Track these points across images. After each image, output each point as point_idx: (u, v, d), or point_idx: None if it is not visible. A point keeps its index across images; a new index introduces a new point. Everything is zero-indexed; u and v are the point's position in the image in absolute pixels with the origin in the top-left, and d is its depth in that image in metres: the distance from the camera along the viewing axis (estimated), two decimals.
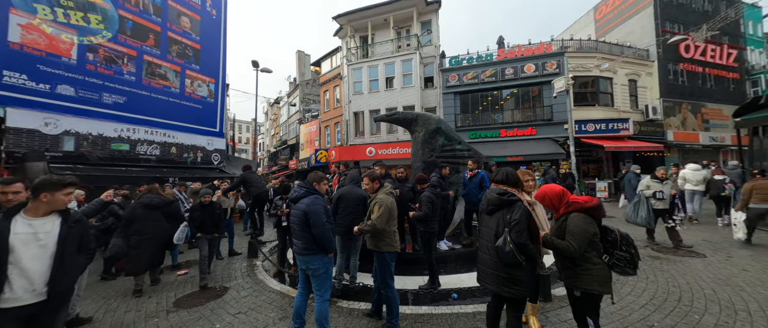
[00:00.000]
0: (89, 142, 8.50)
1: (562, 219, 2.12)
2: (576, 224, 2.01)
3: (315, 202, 2.66)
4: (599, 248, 2.02)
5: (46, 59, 7.73)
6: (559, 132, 13.71)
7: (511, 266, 1.98)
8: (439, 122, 6.79)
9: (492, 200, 2.17)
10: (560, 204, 2.14)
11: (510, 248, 1.91)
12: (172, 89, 10.80)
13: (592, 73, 14.45)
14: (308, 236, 2.61)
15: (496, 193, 2.18)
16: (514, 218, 1.99)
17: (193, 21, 11.72)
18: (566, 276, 2.12)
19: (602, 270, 2.00)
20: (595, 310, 2.06)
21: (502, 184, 2.26)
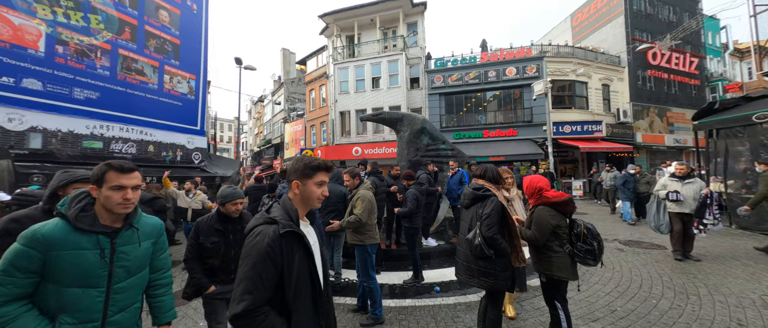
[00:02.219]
0: (58, 140, 8.04)
1: (532, 211, 2.32)
2: (539, 215, 2.25)
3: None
4: (562, 239, 2.23)
5: (10, 51, 7.24)
6: (538, 133, 14.30)
7: (482, 258, 2.11)
8: (424, 122, 6.96)
9: (467, 195, 2.31)
10: (532, 196, 2.36)
11: (478, 242, 2.05)
12: (150, 85, 10.37)
13: (569, 77, 15.17)
14: None
15: (472, 188, 2.31)
16: (485, 213, 2.12)
17: (173, 15, 11.31)
18: (535, 263, 2.32)
19: (562, 258, 2.20)
20: (562, 295, 2.25)
21: (481, 179, 2.40)
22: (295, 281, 1.05)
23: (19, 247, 1.09)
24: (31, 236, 1.10)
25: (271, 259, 1.01)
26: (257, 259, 1.00)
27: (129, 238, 1.29)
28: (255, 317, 0.96)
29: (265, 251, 1.00)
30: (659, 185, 4.85)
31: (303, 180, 1.20)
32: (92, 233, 1.19)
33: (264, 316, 0.98)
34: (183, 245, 5.49)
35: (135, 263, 1.31)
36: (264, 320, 0.98)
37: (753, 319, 2.83)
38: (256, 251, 1.01)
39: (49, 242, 1.10)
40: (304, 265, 1.09)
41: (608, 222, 7.93)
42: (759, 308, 3.02)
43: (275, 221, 1.08)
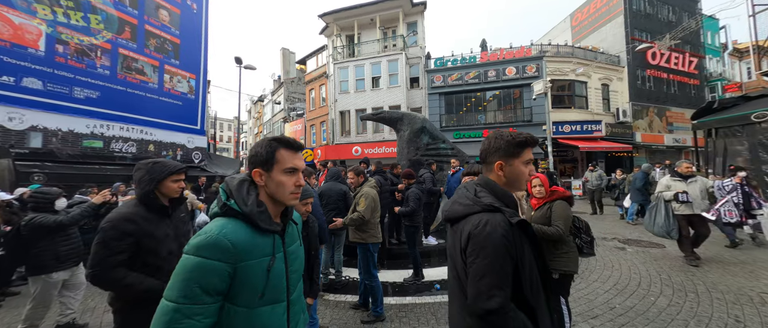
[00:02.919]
0: (59, 139, 8.05)
1: (545, 207, 2.33)
2: (563, 210, 2.28)
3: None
4: (574, 232, 2.29)
5: (10, 50, 7.25)
6: (538, 133, 14.29)
7: None
8: (424, 122, 6.99)
9: None
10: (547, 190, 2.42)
11: None
12: (150, 85, 10.39)
13: (568, 77, 15.20)
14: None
15: None
16: None
17: (173, 14, 11.32)
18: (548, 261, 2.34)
19: (574, 251, 2.27)
20: (567, 290, 2.29)
21: (475, 175, 2.44)
22: (529, 274, 0.94)
23: (201, 261, 0.82)
24: (215, 243, 0.83)
25: (508, 251, 0.91)
26: (496, 251, 0.90)
27: (292, 235, 1.08)
28: (506, 313, 0.87)
29: (501, 243, 0.90)
30: (661, 186, 4.58)
31: (508, 160, 1.04)
32: (269, 232, 0.95)
33: (514, 313, 0.89)
34: None
35: (300, 266, 1.11)
36: (515, 317, 0.89)
37: (751, 316, 2.86)
38: (491, 243, 0.90)
39: (238, 250, 0.85)
40: (533, 257, 0.97)
41: (607, 221, 7.96)
42: (757, 305, 3.04)
43: (497, 209, 0.96)
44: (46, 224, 2.71)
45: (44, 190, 2.89)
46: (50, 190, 2.91)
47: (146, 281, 1.48)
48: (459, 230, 1.02)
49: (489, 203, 0.98)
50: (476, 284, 0.90)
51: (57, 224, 2.74)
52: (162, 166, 1.63)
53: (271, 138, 1.00)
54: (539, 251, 1.00)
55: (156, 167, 1.62)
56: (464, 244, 0.97)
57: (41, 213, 2.74)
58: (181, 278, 0.81)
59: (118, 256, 1.45)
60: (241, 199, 0.93)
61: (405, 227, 4.08)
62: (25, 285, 4.51)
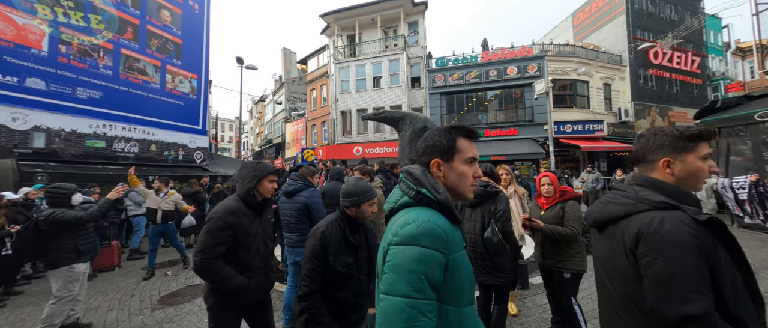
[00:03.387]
0: (62, 139, 8.09)
1: (557, 207, 2.33)
2: (576, 209, 2.29)
3: (315, 194, 2.76)
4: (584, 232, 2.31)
5: (13, 50, 7.29)
6: (539, 132, 14.29)
7: (499, 255, 2.14)
8: (426, 121, 6.96)
9: (477, 193, 2.33)
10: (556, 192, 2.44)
11: (498, 238, 2.07)
12: (152, 85, 10.42)
13: (570, 76, 15.15)
14: (306, 227, 2.68)
15: (480, 185, 2.33)
16: (499, 209, 2.16)
17: (174, 15, 11.35)
18: (556, 261, 2.31)
19: (583, 251, 2.28)
20: (577, 288, 2.29)
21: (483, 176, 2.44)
22: (730, 282, 0.81)
23: (422, 251, 0.73)
24: (431, 231, 0.75)
25: (701, 251, 0.79)
26: (684, 250, 0.79)
27: None
28: (712, 322, 0.75)
29: (689, 241, 0.79)
30: None
31: (678, 155, 0.92)
32: (458, 224, 0.88)
33: (722, 324, 0.76)
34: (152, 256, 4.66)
35: None
36: (723, 325, 0.76)
37: None
38: (674, 241, 0.80)
39: (449, 239, 0.77)
40: (730, 263, 0.83)
41: None
42: None
43: (673, 206, 0.86)
44: (67, 218, 2.73)
45: (61, 185, 2.92)
46: (67, 185, 2.94)
47: (238, 278, 1.57)
48: (620, 231, 0.93)
49: (661, 201, 0.88)
50: (664, 287, 0.79)
51: (77, 219, 2.78)
52: (263, 166, 1.76)
53: (450, 126, 0.94)
54: (740, 255, 0.85)
55: (259, 166, 1.76)
56: (633, 244, 0.88)
57: (58, 208, 2.78)
58: (405, 270, 0.72)
59: (219, 247, 1.53)
60: (432, 187, 0.85)
61: None
62: (29, 285, 4.55)
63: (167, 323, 3.16)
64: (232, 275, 1.55)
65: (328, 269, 1.49)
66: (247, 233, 1.63)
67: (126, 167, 9.01)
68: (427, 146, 0.93)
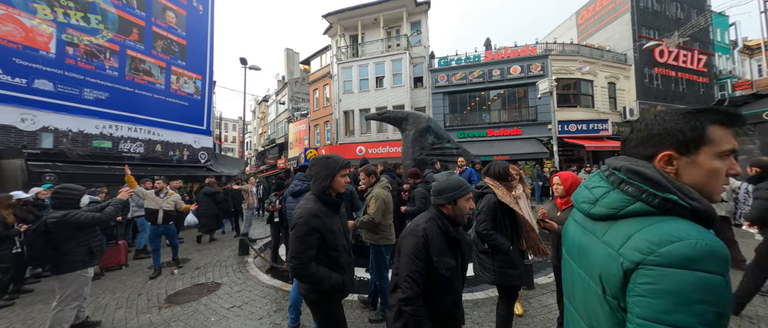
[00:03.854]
0: (69, 139, 8.19)
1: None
2: None
3: None
4: None
5: (22, 52, 7.40)
6: (543, 132, 14.21)
7: (482, 253, 2.18)
8: (429, 121, 6.98)
9: (474, 193, 2.36)
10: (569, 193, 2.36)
11: (473, 237, 2.11)
12: (157, 86, 10.52)
13: (574, 75, 15.05)
14: None
15: (475, 186, 2.36)
16: (478, 208, 2.19)
17: (179, 16, 11.44)
18: None
19: None
20: None
21: (488, 176, 2.43)
22: None
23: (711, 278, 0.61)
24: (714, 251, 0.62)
25: None
26: None
27: None
28: None
29: None
30: None
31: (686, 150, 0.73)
32: None
33: None
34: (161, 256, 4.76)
35: None
36: None
37: (765, 317, 2.81)
38: None
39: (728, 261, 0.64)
40: None
41: None
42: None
43: None
44: (85, 220, 2.69)
45: (69, 186, 2.89)
46: (75, 187, 2.91)
47: (333, 276, 1.60)
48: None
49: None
50: None
51: (95, 220, 2.75)
52: (334, 160, 1.69)
53: (696, 109, 0.73)
54: None
55: (329, 161, 1.68)
56: None
57: (67, 210, 2.75)
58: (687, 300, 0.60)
59: (310, 251, 1.55)
60: (682, 192, 0.69)
61: None
62: (39, 283, 4.62)
63: (174, 322, 3.19)
64: (328, 275, 1.59)
65: (430, 272, 1.36)
66: (332, 232, 1.64)
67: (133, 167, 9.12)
68: (655, 135, 0.74)
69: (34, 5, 7.69)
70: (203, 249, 6.42)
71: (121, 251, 5.37)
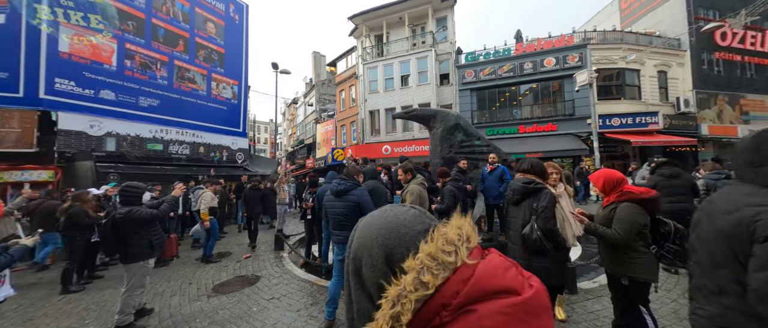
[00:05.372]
0: (128, 143, 9.17)
1: (611, 207, 2.12)
2: (626, 213, 2.02)
3: (364, 193, 2.89)
4: (647, 239, 2.04)
5: (90, 66, 8.41)
6: (581, 127, 13.27)
7: (536, 254, 2.05)
8: (458, 118, 6.83)
9: (517, 189, 2.24)
10: (613, 191, 2.13)
11: (537, 235, 1.98)
12: (200, 92, 11.40)
13: (617, 65, 13.86)
14: None
15: (521, 182, 2.25)
16: (541, 205, 2.06)
17: (218, 26, 12.30)
18: (612, 264, 2.14)
19: (650, 259, 2.02)
20: (645, 297, 2.08)
21: (527, 173, 2.33)
22: None
23: None
24: None
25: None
26: None
27: None
28: None
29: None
30: None
31: None
32: None
33: None
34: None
35: None
36: None
37: None
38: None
39: None
40: None
41: None
42: None
43: None
44: (143, 216, 3.03)
45: (133, 184, 3.25)
46: (138, 184, 3.27)
47: None
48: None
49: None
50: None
51: (152, 216, 3.09)
52: None
53: None
54: None
55: None
56: None
57: (130, 205, 3.10)
58: None
59: None
60: None
61: None
62: (107, 270, 5.23)
63: (222, 310, 3.45)
64: None
65: None
66: None
67: (179, 167, 10.01)
68: None
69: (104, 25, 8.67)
70: (243, 243, 6.84)
71: (173, 244, 5.90)
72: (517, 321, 0.36)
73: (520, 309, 0.37)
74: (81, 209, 4.31)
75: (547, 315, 0.38)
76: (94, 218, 4.37)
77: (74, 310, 3.67)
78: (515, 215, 2.26)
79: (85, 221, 4.26)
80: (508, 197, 2.33)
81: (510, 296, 0.38)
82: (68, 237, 4.30)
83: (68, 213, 4.23)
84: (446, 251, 0.39)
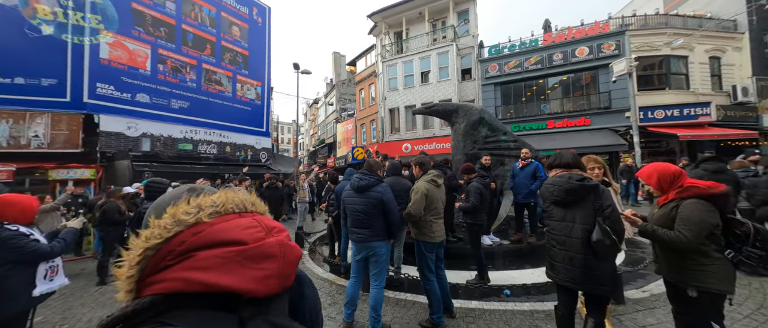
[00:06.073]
0: (161, 143, 9.70)
1: (671, 205, 1.80)
2: (692, 211, 1.71)
3: (388, 190, 2.73)
4: (720, 242, 1.71)
5: (127, 72, 8.98)
6: (619, 121, 12.24)
7: (603, 260, 1.79)
8: (482, 112, 6.47)
9: (572, 188, 1.92)
10: (671, 187, 1.82)
11: (613, 240, 1.71)
12: (226, 93, 11.84)
13: (661, 52, 12.61)
14: (378, 223, 2.64)
15: (576, 179, 1.94)
16: (608, 204, 1.80)
17: (242, 29, 12.70)
18: (675, 272, 1.81)
19: (725, 266, 1.68)
20: (719, 312, 1.73)
21: (568, 167, 2.03)
22: None
23: None
24: None
25: None
26: None
27: None
28: None
29: None
30: None
31: None
32: None
33: None
34: None
35: None
36: None
37: None
38: None
39: None
40: None
41: None
42: None
43: None
44: None
45: (156, 179, 3.33)
46: (161, 180, 3.35)
47: None
48: None
49: None
50: None
51: None
52: None
53: None
54: None
55: None
56: None
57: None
58: None
59: None
60: None
61: (467, 226, 3.77)
62: None
63: None
64: None
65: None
66: None
67: (207, 166, 10.46)
68: None
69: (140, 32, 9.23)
70: None
71: None
72: (232, 263, 0.40)
73: (239, 254, 0.41)
74: (114, 205, 4.53)
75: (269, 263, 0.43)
76: (125, 215, 4.57)
77: (108, 301, 3.85)
78: (565, 217, 1.95)
79: (117, 217, 4.47)
80: (553, 197, 2.01)
81: (236, 246, 0.42)
82: (103, 231, 4.54)
83: (102, 209, 4.47)
84: (187, 212, 0.46)
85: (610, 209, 1.77)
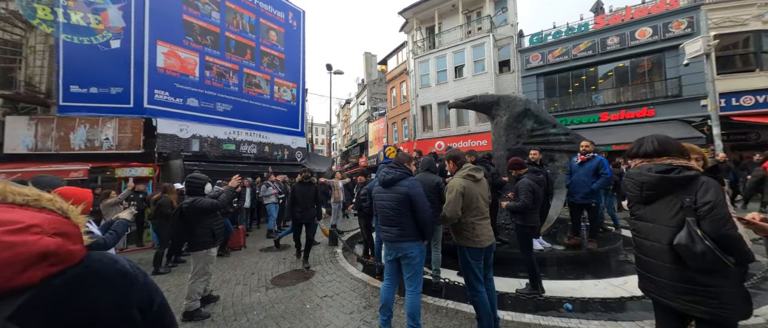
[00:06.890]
0: (208, 144, 10.43)
1: None
2: None
3: (417, 184, 2.47)
4: None
5: (179, 78, 9.78)
6: (693, 110, 10.54)
7: (706, 273, 1.35)
8: (527, 103, 5.89)
9: (650, 182, 1.52)
10: None
11: (705, 246, 1.29)
12: (264, 96, 12.41)
13: (748, 27, 10.58)
14: (407, 221, 2.41)
15: (655, 170, 1.53)
16: (706, 201, 1.34)
17: (279, 34, 13.23)
18: None
19: None
20: None
21: (655, 157, 1.58)
22: None
23: None
24: None
25: None
26: None
27: None
28: None
29: None
30: None
31: None
32: None
33: None
34: None
35: None
36: None
37: None
38: None
39: None
40: None
41: None
42: None
43: None
44: (205, 205, 3.18)
45: (196, 175, 3.45)
46: (201, 176, 3.46)
47: None
48: None
49: None
50: None
51: (213, 206, 3.22)
52: None
53: None
54: None
55: None
56: None
57: (195, 196, 3.29)
58: None
59: None
60: None
61: (517, 227, 3.35)
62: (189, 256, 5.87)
63: (277, 304, 3.43)
64: None
65: None
66: None
67: (248, 165, 11.05)
68: None
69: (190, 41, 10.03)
70: None
71: (240, 235, 6.37)
72: None
73: None
74: (167, 200, 4.85)
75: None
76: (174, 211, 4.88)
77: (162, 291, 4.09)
78: (647, 217, 1.55)
79: (169, 211, 4.77)
80: (637, 193, 1.60)
81: None
82: (157, 225, 4.88)
83: (157, 203, 4.80)
84: None
85: (707, 207, 1.33)
